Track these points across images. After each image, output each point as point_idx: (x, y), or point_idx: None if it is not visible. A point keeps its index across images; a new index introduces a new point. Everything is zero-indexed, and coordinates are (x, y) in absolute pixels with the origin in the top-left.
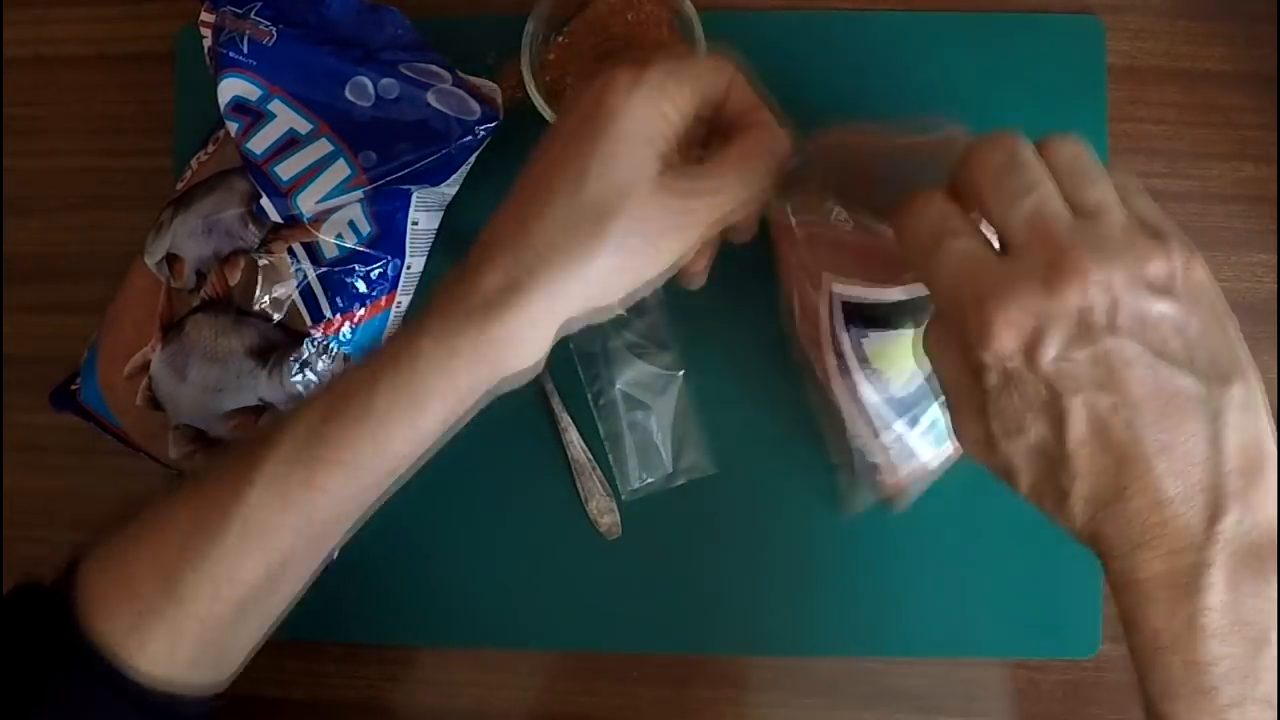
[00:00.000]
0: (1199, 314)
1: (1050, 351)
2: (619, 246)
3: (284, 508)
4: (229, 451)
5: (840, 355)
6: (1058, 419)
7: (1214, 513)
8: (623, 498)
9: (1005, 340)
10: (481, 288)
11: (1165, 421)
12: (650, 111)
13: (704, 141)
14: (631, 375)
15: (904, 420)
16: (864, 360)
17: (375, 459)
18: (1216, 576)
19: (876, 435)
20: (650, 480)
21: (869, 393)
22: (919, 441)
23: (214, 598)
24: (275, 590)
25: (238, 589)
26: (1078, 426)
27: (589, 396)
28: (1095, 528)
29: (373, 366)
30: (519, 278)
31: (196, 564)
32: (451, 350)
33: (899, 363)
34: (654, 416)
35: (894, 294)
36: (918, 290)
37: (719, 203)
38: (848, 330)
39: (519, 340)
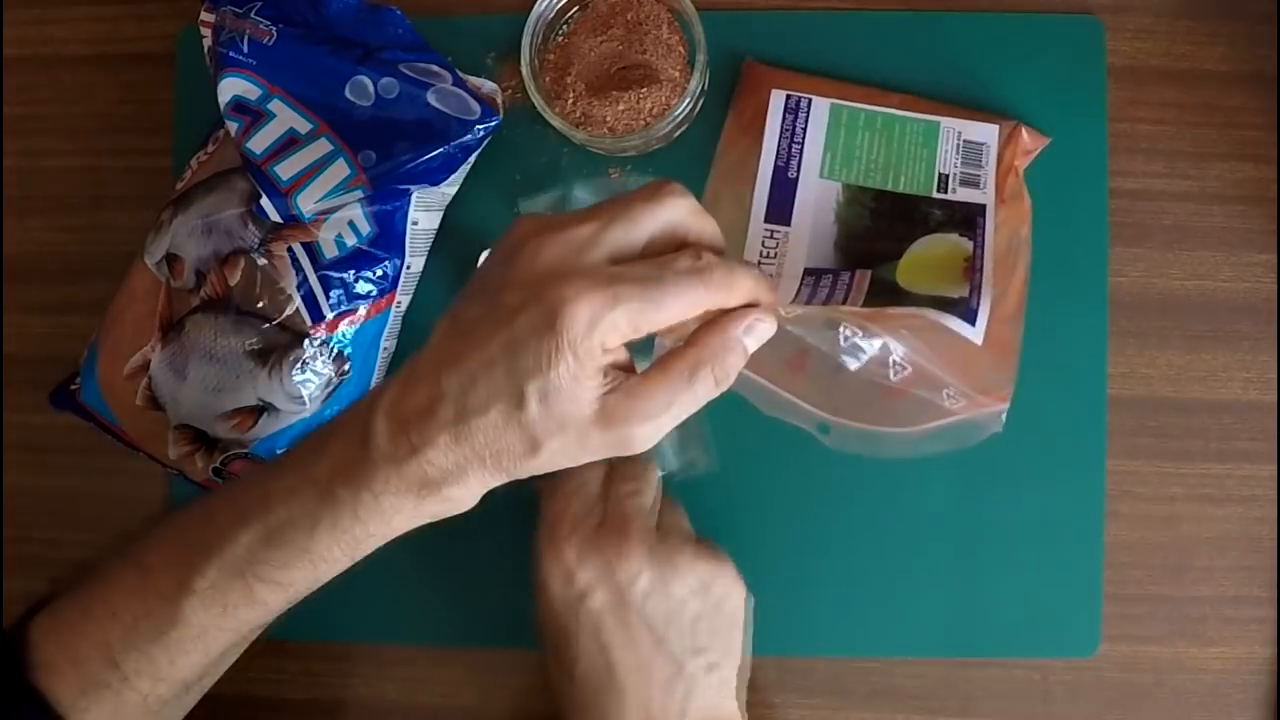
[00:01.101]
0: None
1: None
2: (553, 460)
3: (223, 614)
4: (166, 535)
5: None
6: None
7: None
8: None
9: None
10: (424, 462)
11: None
12: (606, 343)
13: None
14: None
15: None
16: None
17: (312, 582)
18: None
19: None
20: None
21: None
22: None
23: (155, 680)
24: (213, 673)
25: (178, 674)
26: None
27: None
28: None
29: (306, 503)
30: (460, 464)
31: (139, 652)
32: (393, 509)
33: None
34: None
35: None
36: None
37: (663, 424)
38: None
39: (457, 502)
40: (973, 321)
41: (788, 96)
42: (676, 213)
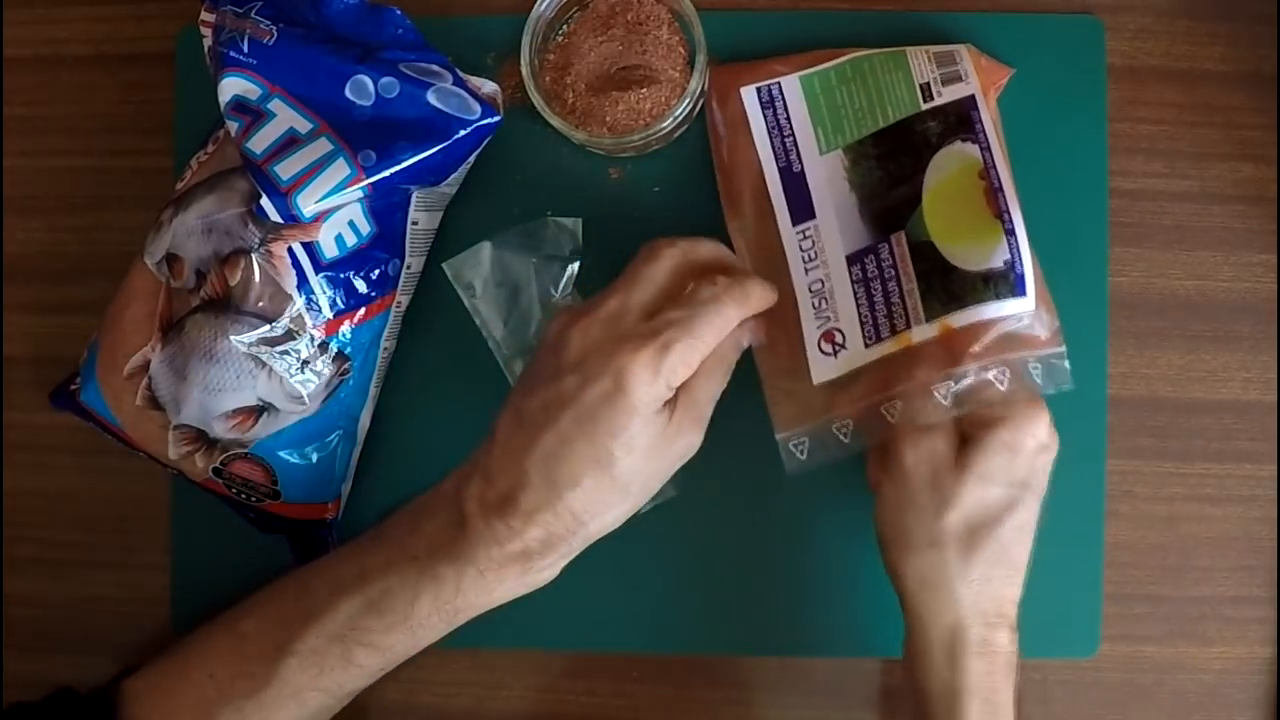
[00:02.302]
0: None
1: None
2: (643, 495)
3: (319, 675)
4: (260, 604)
5: None
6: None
7: None
8: None
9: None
10: (527, 540)
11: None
12: (671, 385)
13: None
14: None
15: None
16: None
17: (410, 648)
18: None
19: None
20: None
21: None
22: None
23: None
24: None
25: None
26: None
27: None
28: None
29: (411, 576)
30: (562, 534)
31: (234, 709)
32: (497, 581)
33: None
34: None
35: None
36: None
37: (708, 415)
38: None
39: (552, 573)
40: (1024, 289)
41: (758, 90)
42: (675, 259)
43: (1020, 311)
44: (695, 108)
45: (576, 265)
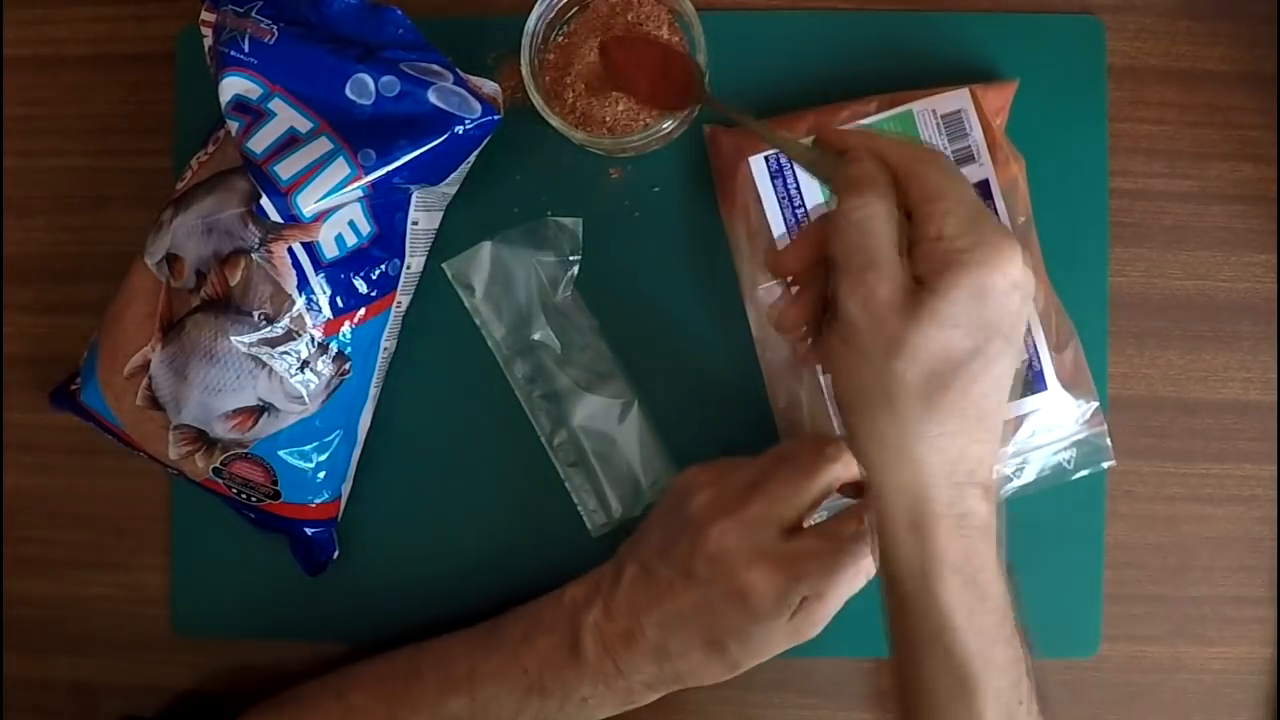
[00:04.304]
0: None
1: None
2: (747, 667)
3: None
4: (370, 678)
5: None
6: None
7: None
8: (593, 534)
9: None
10: (632, 681)
11: None
12: (788, 611)
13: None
14: (585, 411)
15: None
16: None
17: None
18: None
19: None
20: (626, 511)
21: None
22: None
23: None
24: None
25: None
26: None
27: (543, 441)
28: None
29: (516, 688)
30: (663, 681)
31: None
32: (597, 707)
33: None
34: (619, 445)
35: None
36: None
37: (831, 616)
38: None
39: (647, 701)
40: (1044, 385)
41: (765, 159)
42: (835, 474)
43: (1040, 402)
44: (695, 109)
45: (576, 265)
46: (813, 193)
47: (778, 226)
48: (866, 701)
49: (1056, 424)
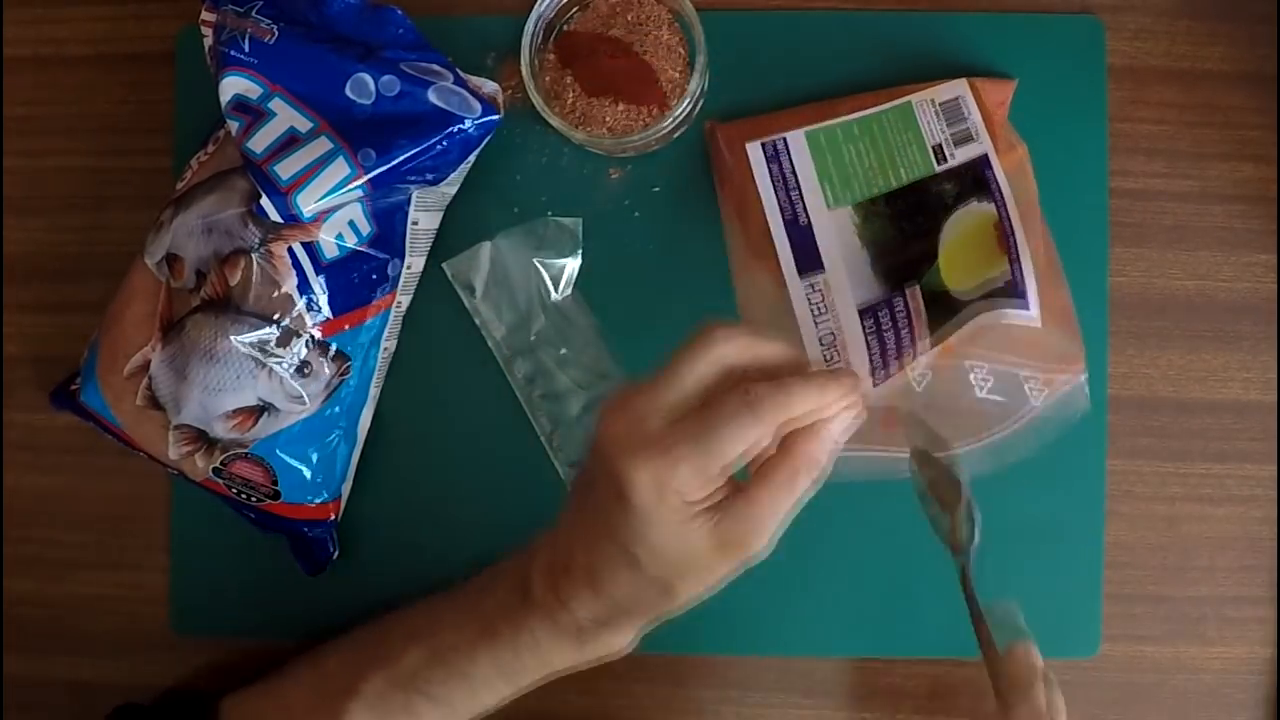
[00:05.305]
0: None
1: None
2: (692, 593)
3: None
4: (345, 643)
5: None
6: None
7: None
8: None
9: None
10: (574, 613)
11: None
12: (686, 497)
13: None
14: (585, 411)
15: None
16: None
17: (471, 707)
18: None
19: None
20: None
21: None
22: None
23: None
24: None
25: None
26: None
27: (543, 441)
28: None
29: (469, 633)
30: (607, 614)
31: None
32: (551, 649)
33: None
34: None
35: None
36: None
37: (774, 530)
38: None
39: (611, 644)
40: (1025, 301)
41: (763, 145)
42: (726, 352)
43: (1020, 322)
44: (695, 109)
45: (576, 265)
46: (808, 176)
47: (772, 210)
48: (867, 701)
49: (1037, 356)
